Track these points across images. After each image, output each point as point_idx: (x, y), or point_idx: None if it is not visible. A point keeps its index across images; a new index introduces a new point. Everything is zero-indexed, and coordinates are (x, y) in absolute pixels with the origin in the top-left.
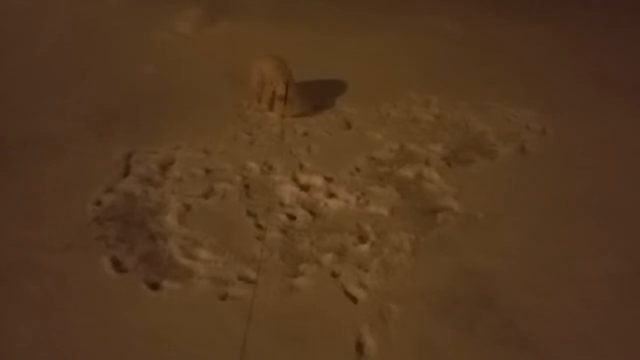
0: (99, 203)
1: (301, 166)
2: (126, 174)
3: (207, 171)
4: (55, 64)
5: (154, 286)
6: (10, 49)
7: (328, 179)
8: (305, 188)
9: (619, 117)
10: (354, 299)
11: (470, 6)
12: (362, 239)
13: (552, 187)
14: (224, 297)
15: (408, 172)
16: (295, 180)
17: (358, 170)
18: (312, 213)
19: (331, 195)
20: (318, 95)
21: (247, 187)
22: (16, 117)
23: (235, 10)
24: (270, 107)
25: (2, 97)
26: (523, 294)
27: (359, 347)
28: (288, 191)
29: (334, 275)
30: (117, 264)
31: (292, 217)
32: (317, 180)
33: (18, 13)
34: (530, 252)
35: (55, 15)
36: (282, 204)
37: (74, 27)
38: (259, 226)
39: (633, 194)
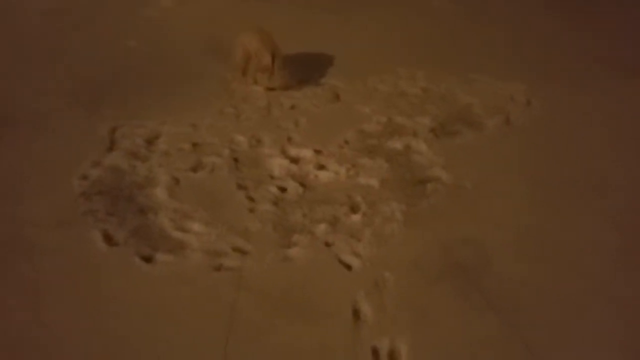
0: (85, 178)
1: (289, 139)
2: (112, 148)
3: (195, 145)
4: (37, 40)
5: (147, 259)
6: None
7: (317, 152)
8: (294, 161)
9: (605, 89)
10: (348, 267)
11: None
12: (354, 209)
13: (538, 158)
14: (218, 269)
15: (397, 144)
16: (284, 153)
17: (347, 142)
18: (302, 185)
19: (321, 167)
20: (304, 69)
21: (236, 160)
22: None
23: None
24: (256, 80)
25: None
26: (514, 263)
27: (355, 313)
28: (277, 164)
29: (328, 245)
30: (108, 238)
31: (282, 190)
32: (307, 153)
33: None
34: (519, 221)
35: None
36: (272, 177)
37: (56, 3)
38: (250, 198)
39: (619, 165)
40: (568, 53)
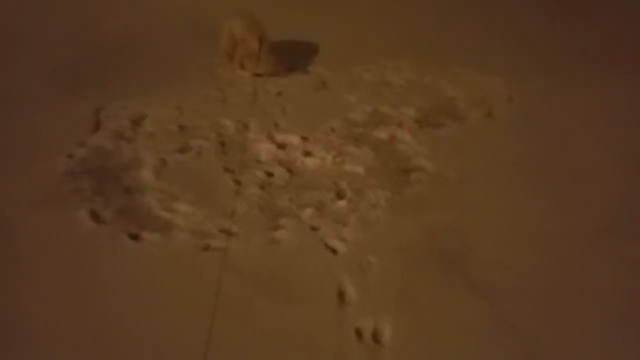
0: (70, 157)
1: (276, 125)
2: (97, 129)
3: (181, 127)
4: (16, 21)
5: (134, 237)
6: None
7: (304, 138)
8: (281, 146)
9: (584, 82)
10: (334, 251)
11: None
12: (340, 195)
13: (519, 150)
14: (205, 249)
15: (382, 134)
16: (270, 138)
17: (333, 130)
18: (289, 170)
19: (307, 153)
20: (291, 56)
21: (222, 144)
22: None
23: None
24: (242, 66)
25: None
26: (494, 248)
27: (340, 294)
28: (264, 149)
29: (314, 229)
30: (94, 216)
31: (269, 174)
32: (293, 139)
33: None
34: (500, 209)
35: None
36: (258, 161)
37: None
38: (236, 182)
39: (597, 154)
40: (551, 47)
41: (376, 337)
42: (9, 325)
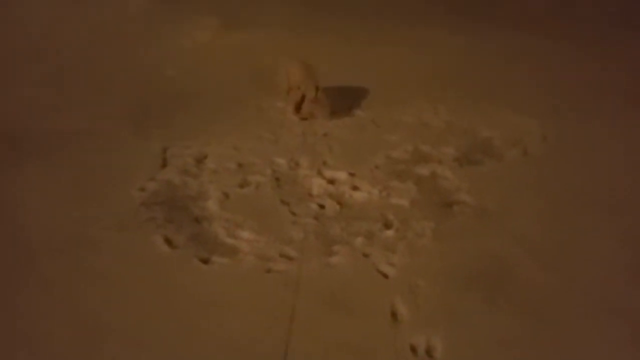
0: (143, 190)
1: (325, 163)
2: (164, 165)
3: (239, 165)
4: (82, 69)
5: (205, 261)
6: (38, 57)
7: (351, 174)
8: (331, 182)
9: (615, 121)
10: (385, 275)
11: (469, 19)
12: (387, 225)
13: (554, 184)
14: (268, 271)
15: (423, 170)
16: (320, 174)
17: (377, 167)
18: (339, 203)
19: (355, 188)
20: (336, 100)
21: (277, 179)
22: (47, 115)
23: (249, 20)
24: (294, 110)
25: (42, 98)
26: (534, 272)
27: (393, 314)
28: (315, 184)
29: (365, 255)
30: (168, 242)
31: (321, 206)
32: (341, 175)
33: (39, 24)
34: (539, 237)
35: (76, 25)
36: (311, 195)
37: (95, 36)
38: (292, 213)
39: (630, 186)
40: (583, 88)
41: (429, 352)
42: (95, 327)
